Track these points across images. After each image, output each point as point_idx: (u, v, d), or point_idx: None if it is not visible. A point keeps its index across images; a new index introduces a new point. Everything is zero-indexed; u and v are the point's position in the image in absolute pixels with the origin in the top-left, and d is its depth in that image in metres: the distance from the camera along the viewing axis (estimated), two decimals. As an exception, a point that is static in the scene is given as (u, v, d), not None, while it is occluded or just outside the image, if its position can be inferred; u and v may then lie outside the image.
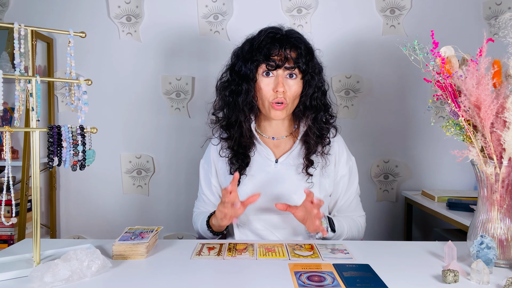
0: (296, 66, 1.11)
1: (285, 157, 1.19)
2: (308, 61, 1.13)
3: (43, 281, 0.75)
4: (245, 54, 1.14)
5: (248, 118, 1.17)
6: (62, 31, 0.89)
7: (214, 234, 1.18)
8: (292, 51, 1.12)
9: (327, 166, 1.20)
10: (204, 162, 1.30)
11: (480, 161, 0.89)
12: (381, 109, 2.09)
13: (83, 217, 2.11)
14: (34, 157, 0.85)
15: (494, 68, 0.88)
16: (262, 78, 1.13)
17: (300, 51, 1.11)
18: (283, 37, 1.13)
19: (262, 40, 1.12)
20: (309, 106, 1.16)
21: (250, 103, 1.15)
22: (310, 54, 1.15)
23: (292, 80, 1.12)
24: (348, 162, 1.24)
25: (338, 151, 1.23)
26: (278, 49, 1.10)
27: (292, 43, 1.12)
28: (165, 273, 0.84)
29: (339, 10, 2.06)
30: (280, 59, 1.10)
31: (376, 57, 2.07)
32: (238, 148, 1.18)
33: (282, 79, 1.11)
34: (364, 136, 2.09)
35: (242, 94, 1.14)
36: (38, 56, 2.03)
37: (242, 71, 1.14)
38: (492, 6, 2.04)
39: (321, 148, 1.19)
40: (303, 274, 0.81)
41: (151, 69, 2.07)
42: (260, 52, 1.11)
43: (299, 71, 1.12)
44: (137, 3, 2.05)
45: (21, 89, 0.84)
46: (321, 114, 1.18)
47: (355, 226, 1.20)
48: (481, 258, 0.83)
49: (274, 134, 1.23)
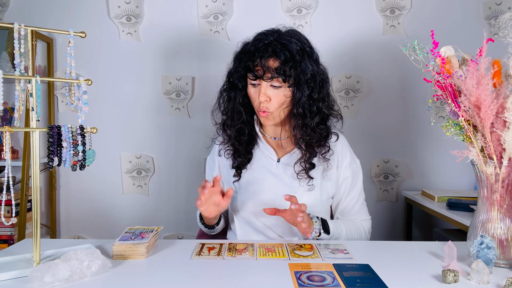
0: (276, 76, 1.08)
1: (287, 157, 1.20)
2: (293, 68, 1.08)
3: (43, 281, 0.75)
4: (235, 63, 1.17)
5: (244, 121, 1.19)
6: (62, 31, 0.89)
7: (206, 227, 1.21)
8: (274, 60, 1.08)
9: (328, 170, 1.19)
10: (210, 159, 1.33)
11: (480, 161, 0.89)
12: (381, 109, 2.09)
13: (83, 217, 2.11)
14: (34, 157, 0.85)
15: (494, 68, 0.88)
16: (250, 85, 1.14)
17: (285, 59, 1.07)
18: (266, 46, 1.09)
19: (247, 50, 1.12)
20: (296, 113, 1.12)
21: (238, 110, 1.17)
22: (296, 61, 1.08)
23: (276, 89, 1.10)
24: (351, 164, 1.23)
25: (342, 153, 1.22)
26: (259, 59, 1.09)
27: (275, 51, 1.08)
28: (165, 273, 0.84)
29: (339, 10, 2.06)
30: (261, 69, 1.09)
31: (376, 57, 2.07)
32: (240, 147, 1.20)
33: (265, 89, 1.09)
34: (364, 136, 2.09)
35: (231, 100, 1.18)
36: (38, 56, 2.03)
37: (231, 79, 1.17)
38: (492, 6, 2.04)
39: (321, 151, 1.18)
40: (303, 274, 0.81)
41: (151, 69, 2.07)
42: (241, 64, 1.13)
43: (282, 80, 1.08)
44: (137, 3, 2.05)
45: (21, 89, 0.84)
46: (307, 120, 1.13)
47: (355, 230, 1.19)
48: (481, 258, 0.83)
49: (275, 135, 1.23)
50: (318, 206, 1.17)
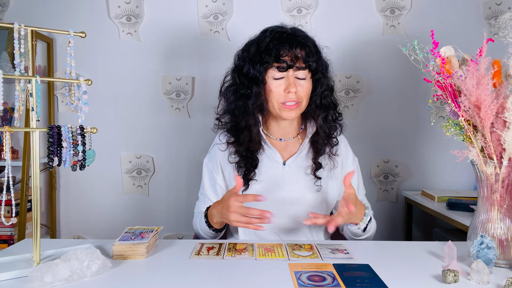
0: (307, 66, 1.09)
1: (292, 159, 1.18)
2: (317, 59, 1.11)
3: (43, 281, 0.75)
4: (252, 57, 1.11)
5: (256, 122, 1.15)
6: (62, 31, 0.89)
7: (215, 231, 1.11)
8: (301, 50, 1.09)
9: (334, 168, 1.18)
10: (209, 161, 1.25)
11: (480, 161, 0.89)
12: (381, 109, 2.09)
13: (83, 217, 2.11)
14: (34, 157, 0.85)
15: (494, 68, 0.88)
16: (272, 80, 1.10)
17: (309, 50, 1.10)
18: (290, 36, 1.10)
19: (270, 41, 1.09)
20: (320, 104, 1.15)
21: (260, 106, 1.13)
22: (318, 52, 1.13)
23: (303, 80, 1.10)
24: (354, 162, 1.25)
25: (345, 152, 1.24)
26: (288, 49, 1.08)
27: (300, 42, 1.09)
28: (165, 273, 0.84)
29: (339, 10, 2.06)
30: (290, 59, 1.08)
31: (376, 57, 2.07)
32: (247, 152, 1.15)
33: (293, 79, 1.09)
34: (364, 136, 2.09)
35: (252, 97, 1.11)
36: (38, 56, 2.03)
37: (251, 74, 1.10)
38: (492, 6, 2.04)
39: (329, 149, 1.18)
40: (303, 274, 0.81)
41: (151, 69, 2.07)
42: (270, 54, 1.08)
43: (309, 70, 1.10)
44: (137, 3, 2.05)
45: (21, 89, 0.84)
46: (331, 112, 1.17)
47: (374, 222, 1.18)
48: (481, 258, 0.83)
49: (281, 136, 1.21)
50: (323, 206, 1.17)
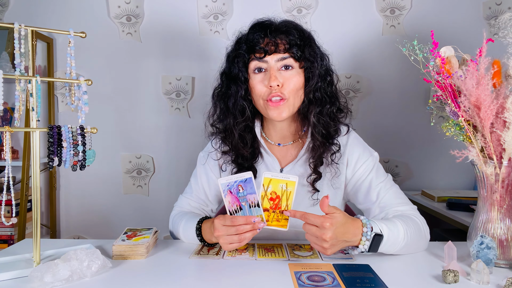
0: (290, 53, 0.97)
1: (290, 166, 1.07)
2: (304, 47, 0.99)
3: (43, 281, 0.75)
4: (231, 53, 1.05)
5: (248, 126, 1.06)
6: (62, 31, 0.89)
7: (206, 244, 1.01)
8: (282, 39, 0.98)
9: (337, 177, 1.06)
10: (202, 156, 1.17)
11: (480, 161, 0.89)
12: (381, 109, 2.08)
13: (83, 217, 2.11)
14: (34, 157, 0.85)
15: (494, 68, 0.88)
16: (254, 75, 1.00)
17: (293, 37, 0.97)
18: (271, 24, 1.00)
19: (248, 32, 1.02)
20: (313, 99, 1.01)
21: (241, 106, 1.02)
22: (307, 40, 1.00)
23: (289, 71, 0.98)
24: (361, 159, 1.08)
25: (352, 153, 1.09)
26: (263, 37, 0.97)
27: (282, 30, 0.98)
28: (165, 273, 0.84)
29: (339, 10, 2.06)
30: (268, 46, 0.97)
31: (376, 57, 2.07)
32: (243, 161, 1.06)
33: (276, 72, 0.97)
34: (364, 136, 2.06)
35: (231, 96, 1.03)
36: (38, 56, 2.03)
37: (232, 72, 1.02)
38: (492, 6, 2.04)
39: (329, 155, 1.04)
40: (303, 274, 0.81)
41: (151, 69, 2.07)
42: (246, 44, 1.00)
43: (295, 59, 0.98)
44: (137, 3, 2.05)
45: (21, 89, 0.84)
46: (326, 107, 1.02)
47: (412, 223, 0.95)
48: (481, 258, 0.83)
49: (280, 140, 1.10)
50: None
